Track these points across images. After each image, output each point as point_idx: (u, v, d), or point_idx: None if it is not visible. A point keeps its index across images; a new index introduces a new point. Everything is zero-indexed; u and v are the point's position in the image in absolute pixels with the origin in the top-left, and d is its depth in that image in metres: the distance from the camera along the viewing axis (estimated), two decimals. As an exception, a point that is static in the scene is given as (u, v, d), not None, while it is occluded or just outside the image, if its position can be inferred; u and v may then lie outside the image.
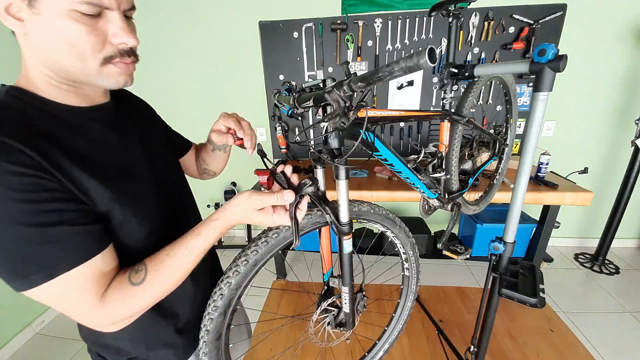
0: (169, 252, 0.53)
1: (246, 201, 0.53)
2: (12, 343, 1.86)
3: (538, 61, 0.68)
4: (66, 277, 0.43)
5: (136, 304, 0.51)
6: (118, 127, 0.57)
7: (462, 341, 1.41)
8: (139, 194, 0.55)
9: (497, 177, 1.27)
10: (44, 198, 0.41)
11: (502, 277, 0.93)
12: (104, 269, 0.48)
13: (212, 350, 0.63)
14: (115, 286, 0.49)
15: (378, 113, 0.68)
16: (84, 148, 0.49)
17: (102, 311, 0.48)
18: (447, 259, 2.43)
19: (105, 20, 0.45)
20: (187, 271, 0.54)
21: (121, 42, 0.47)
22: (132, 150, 0.58)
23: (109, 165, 0.52)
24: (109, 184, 0.49)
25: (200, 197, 3.18)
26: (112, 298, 0.48)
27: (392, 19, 2.08)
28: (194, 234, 0.54)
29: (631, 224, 2.55)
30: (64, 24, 0.42)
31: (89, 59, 0.45)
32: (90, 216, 0.47)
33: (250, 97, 2.43)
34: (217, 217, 0.54)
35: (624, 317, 1.92)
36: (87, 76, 0.47)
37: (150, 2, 2.25)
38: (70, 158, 0.46)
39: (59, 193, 0.43)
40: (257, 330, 1.50)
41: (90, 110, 0.53)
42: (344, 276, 0.71)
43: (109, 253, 0.49)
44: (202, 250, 0.54)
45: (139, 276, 0.50)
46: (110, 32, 0.46)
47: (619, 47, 2.07)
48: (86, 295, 0.46)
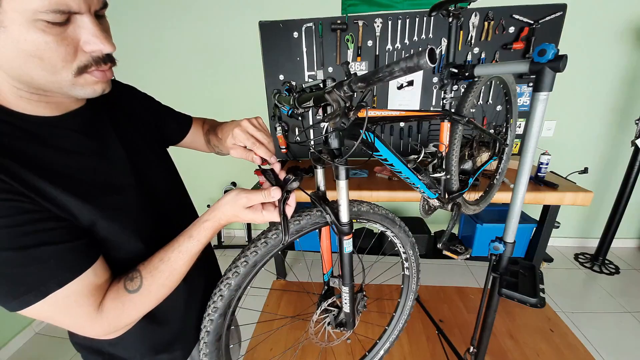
0: (162, 257, 0.52)
1: (234, 199, 0.53)
2: (12, 343, 1.86)
3: (538, 61, 0.68)
4: (59, 295, 0.43)
5: (135, 310, 0.51)
6: (95, 133, 0.53)
7: (462, 341, 1.41)
8: (121, 204, 0.53)
9: (497, 177, 1.27)
10: (21, 221, 0.40)
11: (502, 277, 0.93)
12: (96, 282, 0.47)
13: (213, 352, 0.63)
14: (111, 296, 0.49)
15: (378, 113, 0.68)
16: (57, 162, 0.46)
17: (102, 322, 0.48)
18: (447, 259, 2.43)
19: (75, 26, 0.40)
20: (183, 273, 0.54)
21: (95, 49, 0.43)
22: (113, 157, 0.55)
23: (86, 178, 0.49)
24: (88, 198, 0.47)
25: (200, 197, 3.17)
26: (110, 308, 0.48)
27: (392, 19, 2.08)
28: (186, 236, 0.54)
29: (631, 224, 2.55)
30: (30, 36, 0.37)
31: (61, 71, 0.41)
32: (74, 232, 0.46)
33: (250, 97, 2.43)
34: (207, 217, 0.55)
35: (624, 317, 1.92)
36: (60, 88, 0.44)
37: (150, 2, 2.25)
38: (43, 175, 0.43)
39: (36, 214, 0.41)
40: (257, 331, 1.50)
41: (63, 119, 0.49)
42: (344, 276, 0.71)
43: (99, 265, 0.48)
44: (196, 252, 0.54)
45: (134, 284, 0.50)
46: (82, 39, 0.41)
47: (619, 47, 2.07)
48: (83, 309, 0.46)
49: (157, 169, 0.65)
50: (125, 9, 2.26)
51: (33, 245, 0.41)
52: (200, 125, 0.83)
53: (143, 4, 2.25)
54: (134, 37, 2.34)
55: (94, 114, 0.54)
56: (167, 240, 0.55)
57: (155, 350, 0.64)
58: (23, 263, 0.40)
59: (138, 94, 0.71)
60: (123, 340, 0.55)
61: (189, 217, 0.74)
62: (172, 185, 0.71)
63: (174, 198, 0.69)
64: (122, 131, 0.58)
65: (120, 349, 0.61)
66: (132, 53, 2.38)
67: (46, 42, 0.38)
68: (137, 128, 0.63)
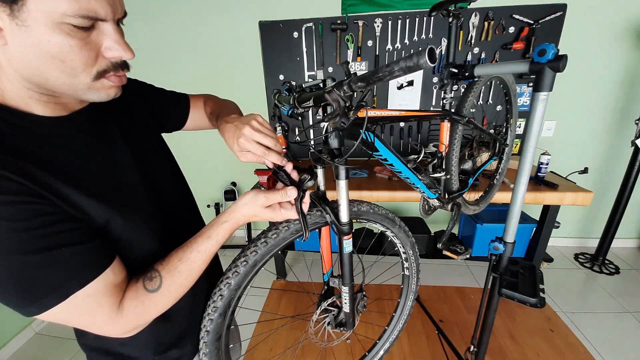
0: (182, 257, 0.53)
1: (253, 199, 0.56)
2: (12, 343, 1.86)
3: (538, 61, 0.68)
4: (80, 295, 0.43)
5: (155, 309, 0.52)
6: (101, 132, 0.54)
7: (462, 341, 1.41)
8: (132, 202, 0.53)
9: (497, 177, 1.27)
10: (40, 224, 0.40)
11: (502, 277, 0.93)
12: (115, 281, 0.48)
13: (212, 351, 0.63)
14: (131, 295, 0.49)
15: (378, 113, 0.68)
16: (68, 163, 0.46)
17: (122, 320, 0.48)
18: (447, 259, 2.43)
19: (99, 32, 0.42)
20: (200, 272, 0.56)
21: (116, 55, 0.44)
22: (120, 156, 0.55)
23: (97, 178, 0.49)
24: (101, 198, 0.47)
25: (200, 197, 3.17)
26: (131, 307, 0.49)
27: (392, 19, 2.08)
28: (205, 236, 0.55)
29: (631, 224, 2.55)
30: (54, 38, 0.38)
31: (80, 75, 0.42)
32: (90, 232, 0.46)
33: (250, 97, 2.43)
34: (226, 218, 0.56)
35: (624, 317, 1.92)
36: (75, 91, 0.44)
37: (150, 2, 2.25)
38: (56, 176, 0.43)
39: (54, 215, 0.42)
40: (257, 330, 1.50)
41: (70, 119, 0.49)
42: (344, 276, 0.71)
43: (117, 264, 0.49)
44: (213, 252, 0.56)
45: (154, 283, 0.51)
46: (104, 45, 0.43)
47: (619, 47, 2.07)
48: (104, 309, 0.46)
49: (159, 164, 0.65)
50: (125, 9, 2.26)
51: (52, 247, 0.41)
52: (201, 105, 0.81)
53: (142, 4, 2.25)
54: (134, 37, 2.34)
55: (97, 113, 0.55)
56: (176, 236, 0.56)
57: (166, 346, 0.64)
58: (42, 265, 0.40)
59: (134, 86, 0.69)
60: (134, 339, 0.55)
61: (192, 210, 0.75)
62: (174, 179, 0.71)
63: (176, 191, 0.70)
64: (124, 128, 0.59)
65: (131, 349, 0.61)
66: (132, 53, 2.38)
67: (70, 46, 0.39)
68: (136, 122, 0.63)
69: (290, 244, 0.65)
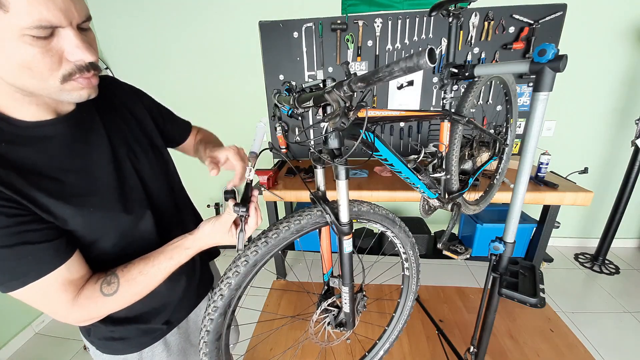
0: (142, 270, 0.58)
1: (214, 231, 0.61)
2: (12, 343, 1.85)
3: (538, 61, 0.68)
4: (37, 285, 0.50)
5: (106, 310, 0.57)
6: (82, 136, 0.57)
7: (462, 341, 1.41)
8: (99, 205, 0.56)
9: (497, 177, 1.27)
10: (9, 223, 0.46)
11: (502, 277, 0.93)
12: (70, 277, 0.52)
13: (213, 351, 0.63)
14: (87, 294, 0.54)
15: (378, 113, 0.68)
16: (43, 167, 0.51)
17: (75, 314, 0.54)
18: (447, 259, 2.43)
19: (59, 39, 0.44)
20: (157, 285, 0.60)
21: (78, 59, 0.47)
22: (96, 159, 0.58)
23: (71, 180, 0.53)
24: (69, 200, 0.52)
25: (200, 198, 3.16)
26: (85, 304, 0.54)
27: (392, 19, 2.08)
28: (167, 256, 0.60)
29: (631, 224, 2.54)
30: (19, 50, 0.42)
31: (48, 79, 0.46)
32: (55, 232, 0.51)
33: (250, 97, 2.43)
34: (189, 245, 0.61)
35: (624, 317, 1.92)
36: (49, 93, 0.48)
37: (150, 2, 2.25)
38: (30, 182, 0.48)
39: (23, 217, 0.47)
40: (257, 330, 1.50)
41: (54, 122, 0.53)
42: (344, 276, 0.72)
43: (74, 262, 0.53)
44: (172, 270, 0.61)
45: (111, 288, 0.55)
46: (66, 50, 0.45)
47: (619, 47, 2.07)
48: (58, 299, 0.52)
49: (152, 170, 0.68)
50: (125, 10, 2.26)
51: (18, 243, 0.47)
52: (194, 133, 0.88)
53: (143, 5, 2.25)
54: (134, 38, 2.34)
55: (84, 117, 0.58)
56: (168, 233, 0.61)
57: None
58: (9, 258, 0.48)
59: (137, 95, 0.72)
60: None
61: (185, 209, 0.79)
62: (167, 185, 0.73)
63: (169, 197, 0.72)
64: (114, 133, 0.62)
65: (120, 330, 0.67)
66: (133, 54, 2.38)
67: (33, 55, 0.43)
68: (132, 129, 0.66)
69: (290, 244, 0.65)
